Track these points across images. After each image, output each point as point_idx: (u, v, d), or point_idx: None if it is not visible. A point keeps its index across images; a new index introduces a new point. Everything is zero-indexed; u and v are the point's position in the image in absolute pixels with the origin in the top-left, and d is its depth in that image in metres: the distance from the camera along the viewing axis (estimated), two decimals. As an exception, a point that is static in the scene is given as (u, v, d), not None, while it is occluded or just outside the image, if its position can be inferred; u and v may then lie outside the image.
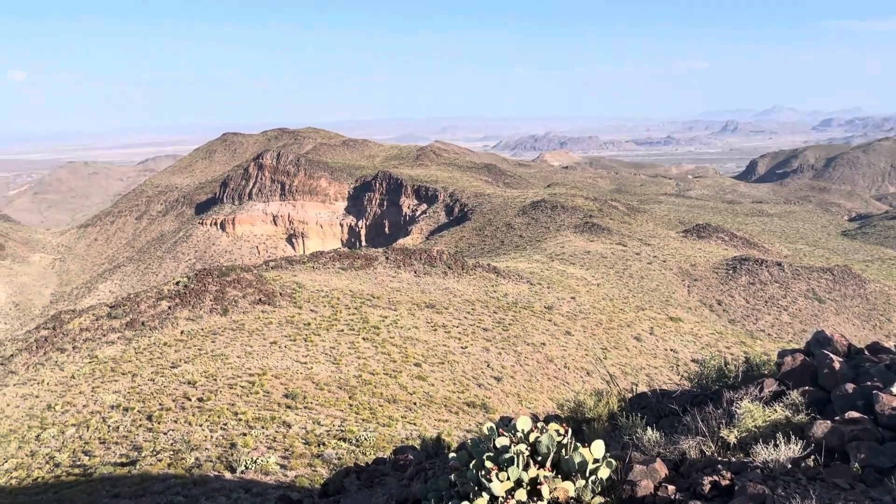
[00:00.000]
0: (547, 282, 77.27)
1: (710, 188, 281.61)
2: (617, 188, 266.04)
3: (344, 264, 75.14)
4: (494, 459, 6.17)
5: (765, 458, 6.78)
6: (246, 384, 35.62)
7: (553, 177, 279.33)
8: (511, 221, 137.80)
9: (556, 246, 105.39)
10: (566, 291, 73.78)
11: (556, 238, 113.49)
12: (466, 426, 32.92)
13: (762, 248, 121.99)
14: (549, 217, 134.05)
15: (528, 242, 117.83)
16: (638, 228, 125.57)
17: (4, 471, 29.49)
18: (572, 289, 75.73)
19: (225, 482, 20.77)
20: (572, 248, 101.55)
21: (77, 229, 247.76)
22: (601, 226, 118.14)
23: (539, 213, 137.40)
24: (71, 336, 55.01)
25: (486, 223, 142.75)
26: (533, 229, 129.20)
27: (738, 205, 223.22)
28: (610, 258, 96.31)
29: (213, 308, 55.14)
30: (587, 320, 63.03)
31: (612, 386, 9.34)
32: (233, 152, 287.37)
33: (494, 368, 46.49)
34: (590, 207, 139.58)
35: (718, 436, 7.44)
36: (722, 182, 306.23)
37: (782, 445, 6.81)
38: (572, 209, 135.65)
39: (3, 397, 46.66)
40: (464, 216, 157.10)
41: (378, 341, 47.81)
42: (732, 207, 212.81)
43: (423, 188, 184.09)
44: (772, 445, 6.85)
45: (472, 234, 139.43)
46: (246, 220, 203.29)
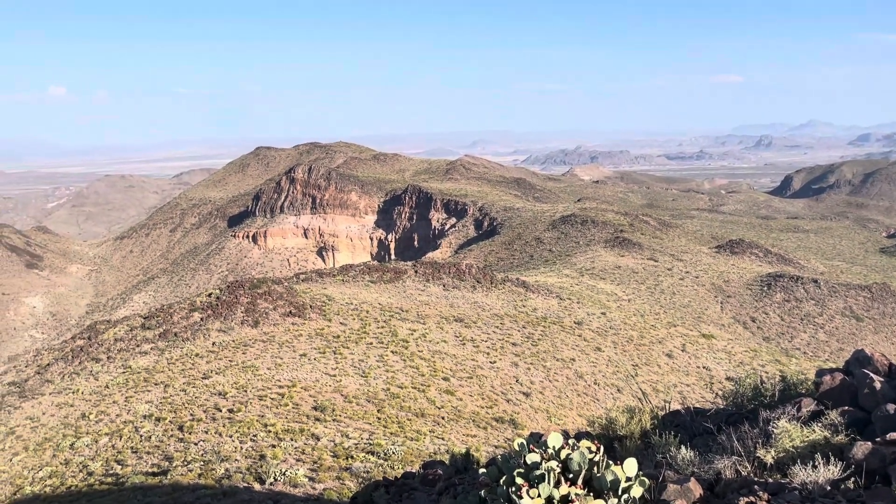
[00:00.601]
0: (577, 297, 76.70)
1: (743, 203, 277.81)
2: (648, 203, 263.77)
3: (373, 277, 75.46)
4: (525, 476, 6.10)
5: (803, 480, 6.60)
6: (275, 396, 35.84)
7: (583, 191, 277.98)
8: (541, 236, 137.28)
9: (587, 261, 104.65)
10: (596, 307, 73.13)
11: (586, 253, 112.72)
12: (495, 442, 32.69)
13: (798, 265, 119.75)
14: (579, 231, 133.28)
15: (557, 257, 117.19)
16: (670, 244, 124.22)
17: (39, 478, 30.01)
18: (602, 304, 75.05)
19: (254, 493, 20.87)
20: (603, 263, 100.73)
21: (113, 241, 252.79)
22: (632, 241, 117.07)
23: (569, 228, 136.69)
24: (106, 346, 55.97)
25: (515, 237, 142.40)
26: (563, 244, 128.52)
27: (772, 220, 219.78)
28: (641, 273, 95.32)
29: (244, 320, 55.71)
30: (618, 336, 62.35)
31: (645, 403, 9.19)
32: (265, 166, 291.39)
33: (523, 384, 46.16)
34: (620, 222, 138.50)
35: (755, 456, 7.28)
36: (756, 197, 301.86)
37: (821, 467, 6.63)
38: (603, 224, 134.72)
39: (38, 406, 47.61)
40: (493, 230, 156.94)
41: (406, 355, 47.82)
42: (767, 223, 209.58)
43: (453, 202, 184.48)
44: (810, 466, 6.67)
45: (502, 248, 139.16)
46: (277, 233, 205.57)
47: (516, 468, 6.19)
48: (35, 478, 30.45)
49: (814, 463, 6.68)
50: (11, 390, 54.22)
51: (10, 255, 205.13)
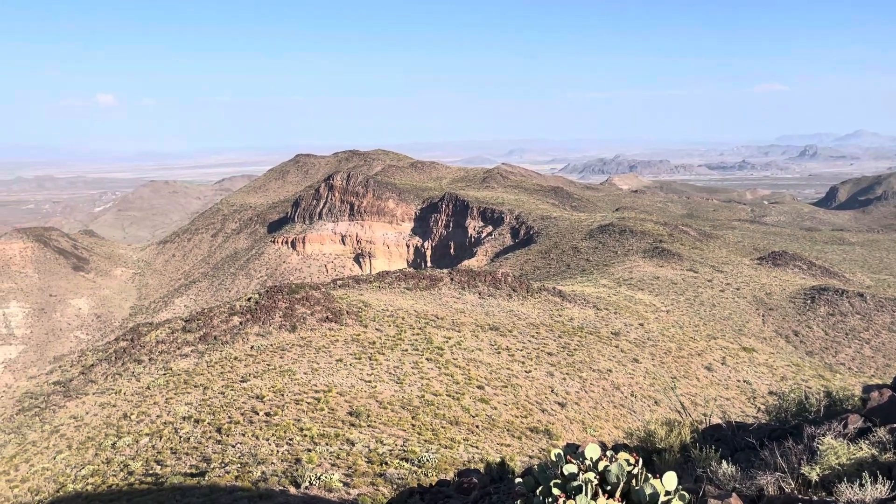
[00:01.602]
0: (614, 307, 75.86)
1: (786, 214, 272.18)
2: (688, 213, 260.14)
3: (409, 284, 75.72)
4: (562, 487, 6.04)
5: (849, 498, 6.42)
6: (312, 400, 36.13)
7: (622, 200, 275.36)
8: (578, 245, 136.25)
9: (625, 271, 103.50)
10: (634, 317, 72.23)
11: (624, 263, 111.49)
12: (529, 452, 32.45)
13: (842, 278, 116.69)
14: (617, 241, 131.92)
15: (594, 267, 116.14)
16: (710, 255, 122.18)
17: (81, 476, 30.72)
18: (640, 315, 74.09)
19: (290, 497, 21.05)
20: (641, 274, 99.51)
21: (156, 245, 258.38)
22: (671, 251, 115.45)
23: (607, 237, 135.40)
24: (148, 348, 57.16)
25: (552, 246, 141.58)
26: (600, 253, 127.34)
27: (816, 232, 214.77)
28: (680, 284, 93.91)
29: (282, 324, 56.37)
30: (656, 348, 61.47)
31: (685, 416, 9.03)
32: (305, 173, 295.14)
33: (559, 394, 45.77)
34: (660, 232, 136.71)
35: (799, 472, 7.10)
36: (800, 208, 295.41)
37: (868, 485, 6.44)
38: (641, 234, 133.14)
39: (82, 405, 48.81)
40: (529, 239, 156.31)
41: (441, 362, 47.81)
42: (811, 235, 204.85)
43: (489, 210, 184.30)
44: (857, 485, 6.49)
45: (538, 256, 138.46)
46: (316, 240, 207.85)
47: (553, 479, 6.14)
48: (77, 476, 31.18)
49: (860, 481, 6.50)
50: (57, 389, 55.73)
51: (58, 258, 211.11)
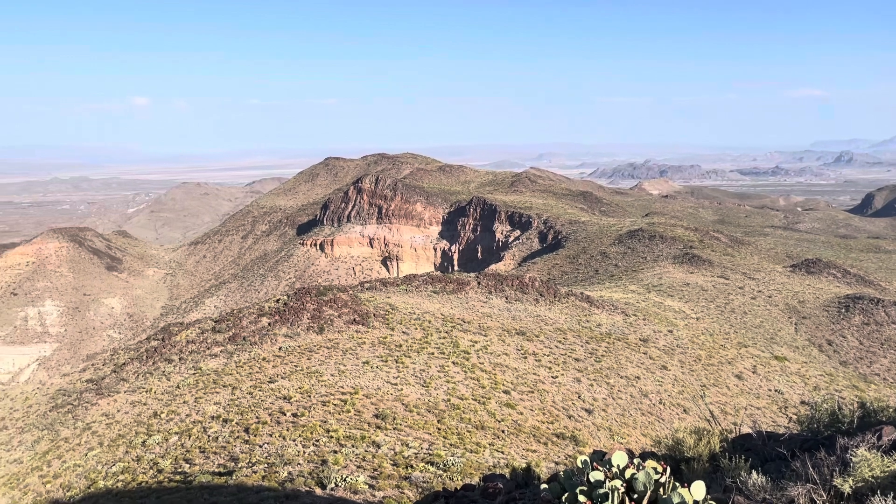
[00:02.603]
0: (643, 313, 75.12)
1: (821, 221, 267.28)
2: (720, 219, 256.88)
3: (436, 288, 75.79)
4: (588, 494, 5.99)
5: (884, 513, 6.27)
6: (338, 402, 36.32)
7: (652, 206, 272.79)
8: (606, 250, 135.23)
9: (654, 277, 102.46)
10: (663, 324, 71.45)
11: (653, 269, 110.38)
12: (555, 458, 32.24)
13: (878, 287, 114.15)
14: (646, 247, 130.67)
15: (623, 272, 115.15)
16: (741, 261, 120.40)
17: (112, 474, 31.23)
18: (670, 322, 73.27)
19: (315, 498, 21.17)
20: (670, 280, 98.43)
21: (188, 246, 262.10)
22: (702, 257, 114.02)
23: (636, 243, 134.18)
24: (178, 348, 57.96)
25: (580, 251, 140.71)
26: (629, 259, 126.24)
27: (852, 240, 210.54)
28: (711, 291, 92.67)
29: (310, 326, 56.78)
30: (685, 355, 60.73)
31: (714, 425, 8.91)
32: (334, 176, 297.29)
33: (585, 400, 45.43)
34: (690, 238, 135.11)
35: (831, 484, 6.95)
36: (834, 215, 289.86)
37: (904, 500, 6.28)
38: (671, 239, 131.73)
39: (114, 403, 49.65)
40: (557, 243, 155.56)
41: (468, 366, 47.75)
42: (846, 242, 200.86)
43: (517, 214, 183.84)
44: (891, 497, 6.34)
45: (566, 261, 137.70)
46: (344, 242, 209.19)
47: (579, 485, 6.09)
48: (108, 472, 31.70)
49: (894, 494, 6.35)
50: (89, 387, 56.78)
51: (92, 258, 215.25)
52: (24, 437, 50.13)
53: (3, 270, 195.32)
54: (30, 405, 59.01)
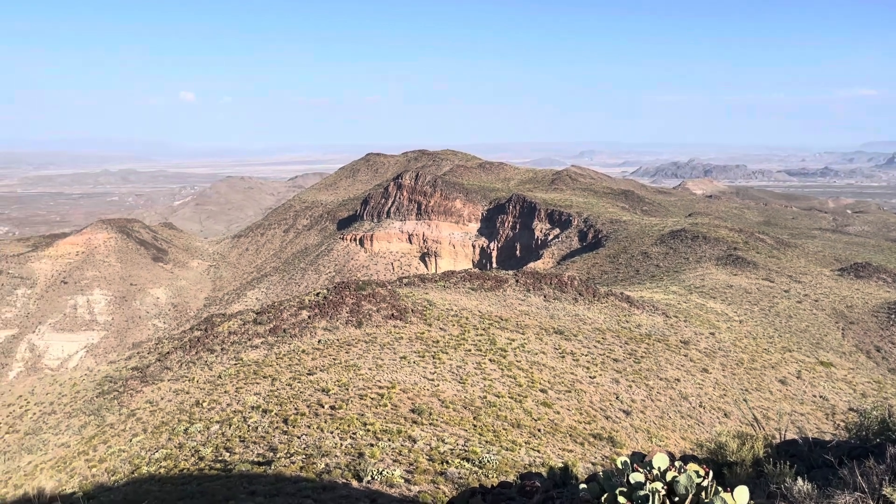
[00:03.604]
0: (684, 315, 73.95)
1: (871, 224, 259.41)
2: (765, 220, 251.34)
3: (474, 285, 75.74)
4: (628, 495, 5.91)
5: (937, 526, 6.05)
6: (375, 396, 36.58)
7: (695, 206, 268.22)
8: (648, 250, 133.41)
9: (696, 278, 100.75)
10: (705, 326, 70.24)
11: (695, 270, 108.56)
12: (592, 458, 31.96)
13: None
14: (688, 247, 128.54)
15: (665, 273, 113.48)
16: (787, 264, 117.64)
17: (155, 459, 31.97)
18: (711, 324, 71.99)
19: (352, 490, 21.36)
20: (713, 282, 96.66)
21: (231, 239, 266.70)
22: (746, 259, 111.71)
23: (678, 243, 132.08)
24: (220, 338, 59.05)
25: (620, 251, 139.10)
26: (671, 259, 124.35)
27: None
28: (755, 294, 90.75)
29: (348, 320, 57.30)
30: (727, 358, 59.60)
31: (758, 429, 8.71)
32: (375, 172, 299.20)
33: (623, 401, 44.93)
34: (734, 239, 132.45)
35: (880, 494, 6.74)
36: (886, 218, 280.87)
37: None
38: (715, 240, 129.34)
39: (158, 391, 50.83)
40: (597, 242, 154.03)
41: (504, 364, 47.64)
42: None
43: (557, 212, 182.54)
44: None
45: (606, 261, 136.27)
46: (383, 238, 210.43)
47: (619, 486, 6.02)
48: (151, 458, 32.46)
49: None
50: (134, 375, 58.24)
51: (139, 249, 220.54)
52: (72, 422, 51.67)
53: (54, 259, 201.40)
54: (77, 391, 60.80)
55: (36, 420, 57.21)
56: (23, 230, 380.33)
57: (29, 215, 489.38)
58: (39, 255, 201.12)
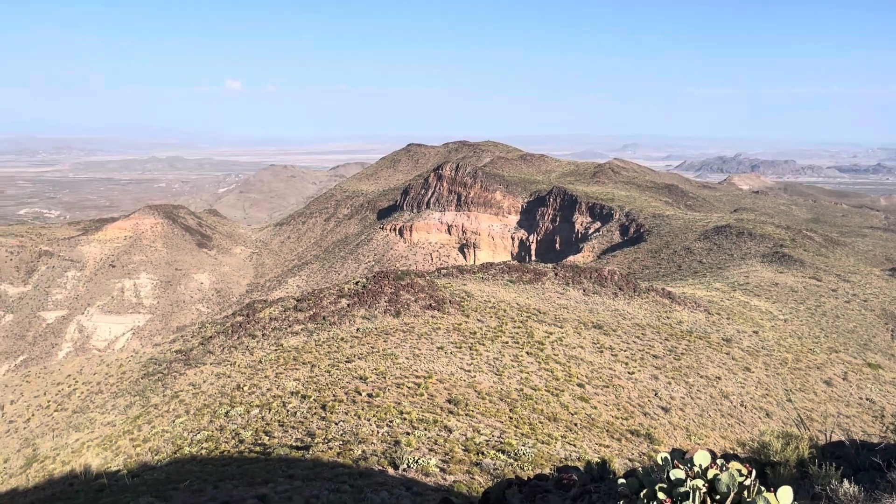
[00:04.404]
0: (727, 312, 72.63)
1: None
2: (814, 217, 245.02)
3: (513, 277, 75.49)
4: (668, 492, 5.84)
5: None
6: (412, 385, 36.80)
7: (741, 201, 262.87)
8: (691, 246, 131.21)
9: (740, 275, 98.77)
10: (748, 324, 68.87)
11: (740, 267, 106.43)
12: (629, 455, 31.68)
13: None
14: (733, 244, 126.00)
15: (708, 269, 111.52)
16: (836, 262, 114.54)
17: (197, 441, 32.70)
18: (755, 322, 70.56)
19: (388, 477, 21.56)
20: (758, 279, 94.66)
21: (273, 227, 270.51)
22: (793, 257, 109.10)
23: (722, 239, 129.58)
24: (261, 324, 60.04)
25: (662, 245, 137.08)
26: (715, 255, 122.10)
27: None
28: (801, 293, 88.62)
29: (387, 309, 57.68)
30: (770, 357, 58.38)
31: (803, 430, 8.51)
32: (415, 162, 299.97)
33: (662, 398, 44.38)
34: (781, 236, 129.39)
35: (931, 500, 6.53)
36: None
37: None
38: (761, 237, 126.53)
39: (200, 374, 51.94)
40: (639, 237, 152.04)
41: (542, 357, 47.45)
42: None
43: (598, 206, 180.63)
44: None
45: (647, 255, 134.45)
46: (422, 228, 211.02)
47: (658, 482, 5.94)
48: (193, 440, 33.21)
49: None
50: (178, 357, 59.61)
51: (184, 234, 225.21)
52: (118, 402, 53.17)
53: (102, 243, 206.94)
54: (123, 371, 62.51)
55: (83, 399, 59.05)
56: (74, 214, 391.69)
57: (79, 200, 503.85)
58: (89, 239, 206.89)
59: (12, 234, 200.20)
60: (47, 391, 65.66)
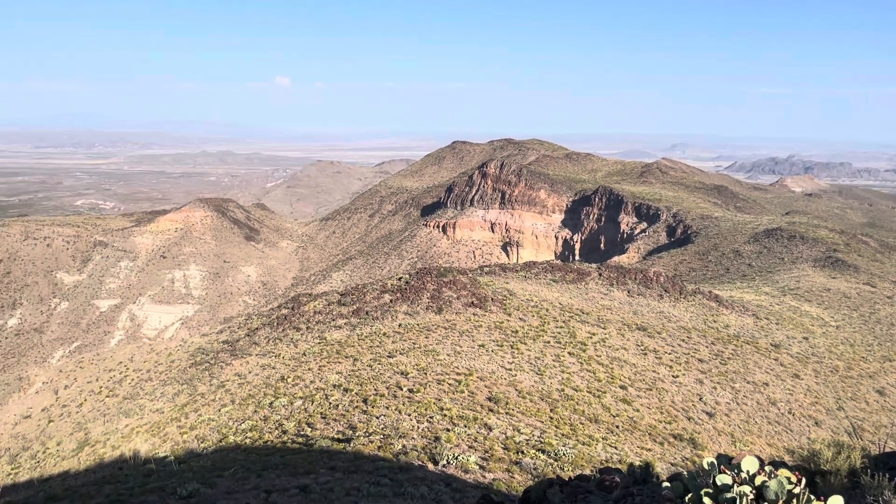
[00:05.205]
0: (776, 317, 70.90)
1: None
2: (869, 222, 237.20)
3: (556, 276, 74.99)
4: (714, 497, 5.75)
5: None
6: (453, 382, 36.89)
7: (793, 204, 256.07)
8: (740, 248, 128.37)
9: (791, 279, 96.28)
10: (798, 330, 67.12)
11: (790, 271, 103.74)
12: (671, 459, 31.20)
13: None
14: (784, 247, 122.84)
15: (757, 272, 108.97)
16: (892, 269, 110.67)
17: (241, 430, 33.37)
18: (805, 328, 68.72)
19: (427, 473, 21.67)
20: (809, 284, 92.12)
21: (319, 222, 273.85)
22: (847, 262, 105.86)
23: (773, 242, 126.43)
24: (306, 317, 60.89)
25: (710, 248, 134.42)
26: (764, 259, 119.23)
27: None
28: (854, 299, 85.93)
29: (429, 306, 57.90)
30: (820, 365, 56.80)
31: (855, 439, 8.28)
32: (460, 160, 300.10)
33: (707, 403, 43.59)
34: (834, 240, 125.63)
35: None
36: None
37: None
38: (813, 241, 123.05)
39: (246, 364, 52.95)
40: (686, 238, 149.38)
41: (584, 358, 47.05)
42: None
43: (645, 206, 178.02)
44: None
45: (694, 257, 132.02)
46: (465, 226, 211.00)
47: (704, 487, 5.86)
48: (238, 429, 33.90)
49: None
50: (225, 348, 60.87)
51: (232, 227, 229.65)
52: (166, 390, 54.58)
53: (154, 235, 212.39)
54: (172, 360, 64.13)
55: (134, 386, 60.79)
56: (128, 206, 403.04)
57: (133, 192, 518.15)
58: (142, 230, 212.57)
59: (69, 224, 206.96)
60: (99, 377, 67.80)
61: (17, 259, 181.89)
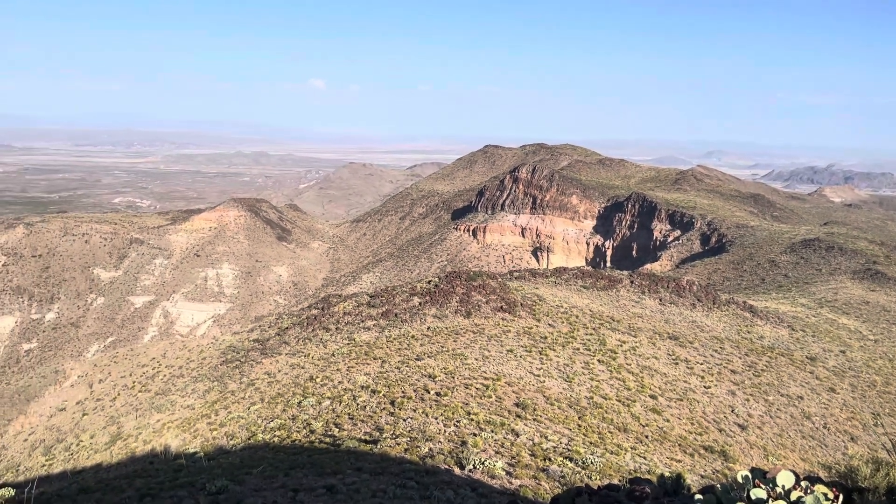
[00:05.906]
0: (812, 329, 69.45)
1: None
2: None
3: (586, 283, 74.43)
4: (747, 511, 5.62)
5: None
6: (480, 386, 36.78)
7: (832, 214, 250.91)
8: (776, 258, 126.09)
9: (828, 291, 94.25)
10: (835, 343, 65.65)
11: (828, 283, 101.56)
12: (701, 471, 30.70)
13: None
14: (822, 258, 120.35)
15: (793, 283, 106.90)
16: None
17: (270, 428, 33.66)
18: (842, 341, 67.18)
19: (453, 477, 21.60)
20: (847, 296, 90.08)
21: (350, 223, 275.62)
22: (886, 274, 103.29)
23: (810, 253, 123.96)
24: (335, 318, 61.26)
25: (745, 257, 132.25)
26: (801, 270, 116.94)
27: None
28: (894, 312, 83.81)
29: (458, 309, 57.86)
30: (857, 379, 55.45)
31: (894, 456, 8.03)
32: (491, 164, 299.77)
33: (739, 415, 42.82)
34: (874, 252, 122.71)
35: None
36: None
37: None
38: (852, 252, 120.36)
39: (275, 363, 53.44)
40: (721, 247, 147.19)
41: (614, 366, 46.57)
42: None
43: (679, 213, 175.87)
44: None
45: (729, 267, 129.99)
46: (496, 230, 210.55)
47: (738, 501, 5.73)
48: (267, 427, 34.21)
49: None
50: (255, 347, 61.49)
51: (265, 227, 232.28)
52: (197, 386, 55.31)
53: (189, 233, 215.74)
54: (203, 357, 64.98)
55: (166, 381, 61.74)
56: (163, 204, 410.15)
57: (169, 191, 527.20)
58: (177, 229, 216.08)
59: (107, 221, 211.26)
60: (133, 372, 69.00)
61: (56, 254, 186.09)
